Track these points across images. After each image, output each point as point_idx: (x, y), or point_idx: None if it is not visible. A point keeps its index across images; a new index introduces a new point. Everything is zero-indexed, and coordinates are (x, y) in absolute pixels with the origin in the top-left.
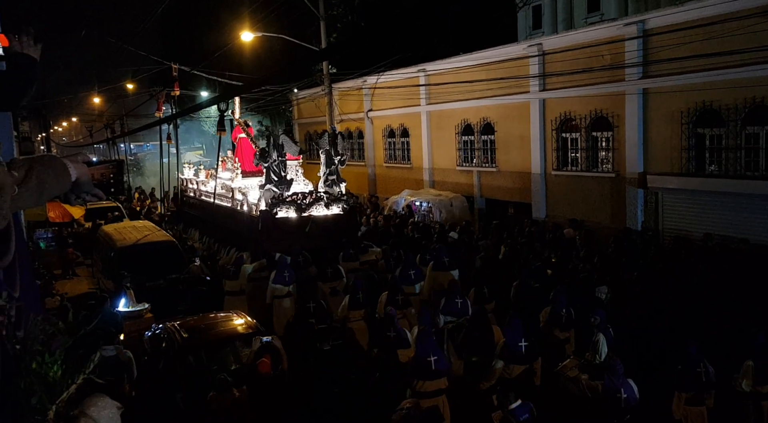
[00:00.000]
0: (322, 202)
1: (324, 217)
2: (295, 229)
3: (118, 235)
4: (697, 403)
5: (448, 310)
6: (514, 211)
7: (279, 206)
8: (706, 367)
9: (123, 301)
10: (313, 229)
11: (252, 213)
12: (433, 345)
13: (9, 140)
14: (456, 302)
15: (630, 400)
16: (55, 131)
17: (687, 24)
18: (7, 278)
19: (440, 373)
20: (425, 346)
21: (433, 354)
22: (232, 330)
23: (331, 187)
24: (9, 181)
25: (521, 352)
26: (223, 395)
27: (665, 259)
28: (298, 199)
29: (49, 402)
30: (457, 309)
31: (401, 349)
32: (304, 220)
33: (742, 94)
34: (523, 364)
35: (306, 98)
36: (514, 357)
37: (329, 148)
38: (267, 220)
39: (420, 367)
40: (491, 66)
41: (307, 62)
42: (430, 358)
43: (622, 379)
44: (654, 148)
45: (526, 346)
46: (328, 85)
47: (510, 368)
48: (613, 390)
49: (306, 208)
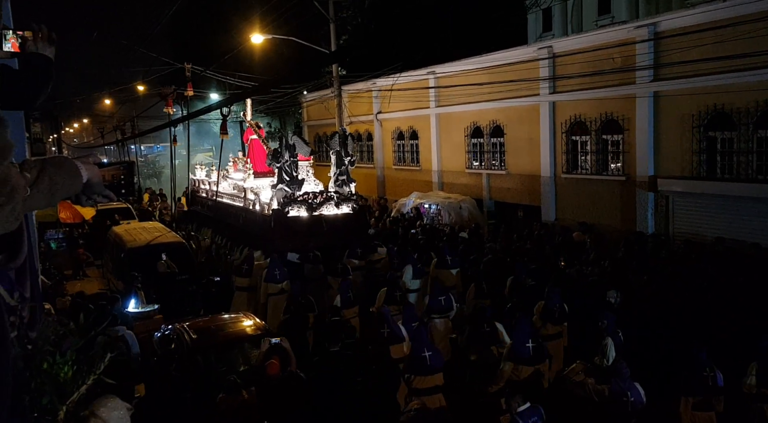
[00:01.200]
0: (333, 202)
1: (334, 216)
2: (306, 228)
3: (129, 236)
4: (705, 408)
5: (433, 306)
6: (523, 214)
7: (291, 205)
8: (713, 371)
9: (133, 301)
10: (325, 228)
11: (264, 212)
12: (427, 341)
13: (21, 142)
14: (440, 299)
15: (636, 404)
16: (67, 132)
17: (698, 27)
18: (18, 279)
19: (435, 369)
20: (420, 341)
21: (428, 349)
22: (242, 331)
23: (341, 187)
24: (21, 182)
25: (528, 353)
26: (231, 397)
27: (676, 262)
28: (309, 199)
29: (59, 402)
30: (441, 305)
31: (394, 344)
32: (317, 219)
33: (753, 98)
34: (531, 366)
35: (315, 100)
36: (521, 358)
37: (339, 149)
38: (279, 218)
39: (415, 363)
40: (501, 68)
41: (317, 64)
42: (425, 354)
43: (629, 383)
44: (665, 151)
45: (534, 346)
46: (338, 88)
47: (518, 370)
48: (620, 393)
49: (317, 208)
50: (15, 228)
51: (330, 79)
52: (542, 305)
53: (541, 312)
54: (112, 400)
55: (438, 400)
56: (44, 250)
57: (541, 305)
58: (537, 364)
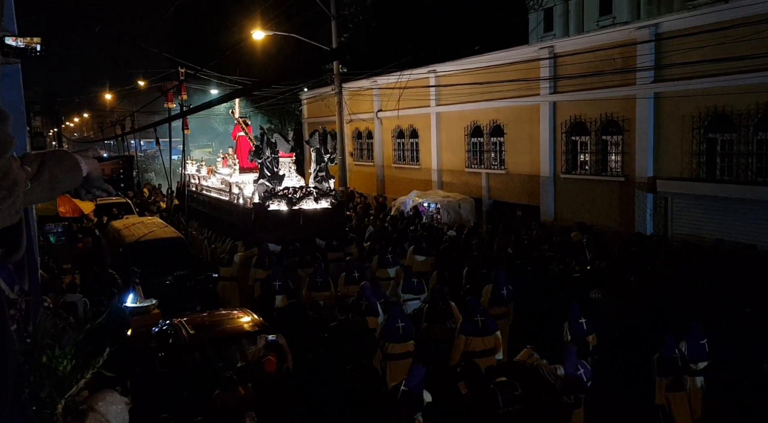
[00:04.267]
0: (312, 197)
1: (313, 210)
2: (285, 221)
3: (127, 231)
4: (677, 389)
5: (407, 287)
6: (522, 214)
7: (271, 199)
8: (681, 352)
9: (131, 296)
10: (304, 222)
11: (246, 206)
12: (402, 314)
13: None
14: (413, 281)
15: (588, 380)
16: (67, 127)
17: (700, 28)
18: (18, 272)
19: (407, 338)
20: (395, 314)
21: (401, 321)
22: (239, 327)
23: (320, 183)
24: (22, 175)
25: (477, 326)
26: (228, 393)
27: (673, 263)
28: (289, 193)
29: (58, 396)
30: (414, 287)
31: (370, 316)
32: (296, 213)
33: (754, 100)
34: (481, 336)
35: (315, 97)
36: (470, 331)
37: (319, 146)
38: (260, 212)
39: (390, 332)
40: (502, 68)
41: (318, 62)
42: (398, 324)
43: (578, 361)
44: (664, 152)
45: (482, 320)
46: (338, 85)
47: (470, 341)
48: (573, 370)
49: (296, 202)
50: (15, 222)
51: (331, 76)
52: (490, 288)
53: (490, 295)
54: (111, 394)
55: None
56: (43, 243)
57: (490, 288)
58: (485, 335)
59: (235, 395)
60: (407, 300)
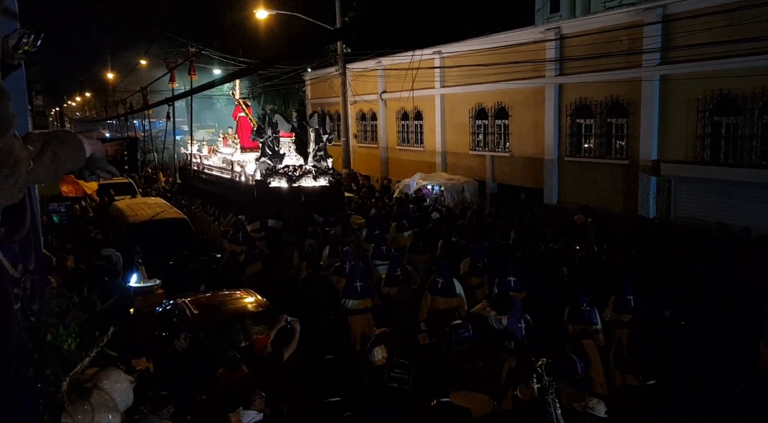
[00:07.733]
0: (311, 175)
1: (312, 188)
2: (285, 198)
3: (130, 211)
4: (585, 337)
5: (377, 254)
6: (525, 197)
7: (272, 177)
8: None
9: (134, 276)
10: (302, 198)
11: (248, 183)
12: (361, 274)
13: (24, 114)
14: (382, 249)
15: (528, 329)
16: (69, 106)
17: (707, 10)
18: (22, 251)
19: (365, 295)
20: (354, 274)
21: (360, 280)
22: (243, 307)
23: (319, 162)
24: (24, 155)
25: (438, 287)
26: (231, 372)
27: (675, 246)
28: (289, 172)
29: (63, 374)
30: (383, 255)
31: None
32: (296, 190)
33: (760, 83)
34: (444, 297)
35: (319, 78)
36: (436, 290)
37: (318, 127)
38: (261, 189)
39: (349, 290)
40: (507, 49)
41: (322, 42)
42: (356, 284)
43: (520, 313)
44: (669, 135)
45: (442, 282)
46: (342, 66)
47: (434, 300)
48: (516, 321)
49: (296, 180)
50: (17, 200)
51: (334, 57)
52: (468, 261)
53: (468, 267)
54: (115, 372)
55: (366, 320)
56: (46, 223)
57: (468, 261)
58: (447, 297)
59: (238, 373)
60: (378, 265)
